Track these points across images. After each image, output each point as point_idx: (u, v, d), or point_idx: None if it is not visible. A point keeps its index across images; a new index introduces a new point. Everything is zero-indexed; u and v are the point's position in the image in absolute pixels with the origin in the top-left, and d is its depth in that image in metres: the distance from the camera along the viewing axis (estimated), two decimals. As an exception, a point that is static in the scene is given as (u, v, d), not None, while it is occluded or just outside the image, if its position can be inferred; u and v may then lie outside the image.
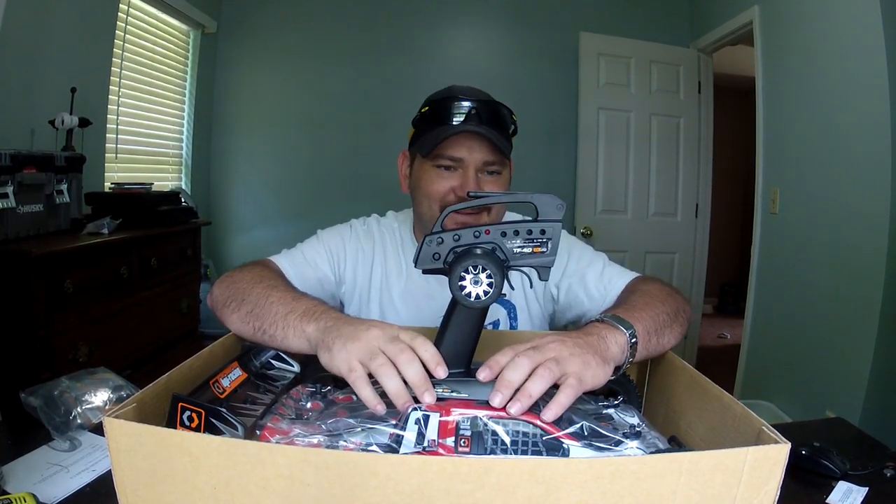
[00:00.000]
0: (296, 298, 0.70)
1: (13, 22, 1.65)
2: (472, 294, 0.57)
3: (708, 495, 0.43)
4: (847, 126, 1.93)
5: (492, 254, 0.59)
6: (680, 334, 0.75)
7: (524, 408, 0.52)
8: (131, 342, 1.74)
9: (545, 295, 0.98)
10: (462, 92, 0.88)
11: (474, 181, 0.85)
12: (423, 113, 0.89)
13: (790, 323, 2.25)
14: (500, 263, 0.58)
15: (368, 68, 3.13)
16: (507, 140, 0.87)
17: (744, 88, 3.38)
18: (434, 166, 0.87)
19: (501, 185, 0.89)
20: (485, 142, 0.84)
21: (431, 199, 0.88)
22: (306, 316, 0.65)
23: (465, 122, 0.83)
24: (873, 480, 0.74)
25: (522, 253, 0.60)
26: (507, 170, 0.92)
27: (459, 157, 0.85)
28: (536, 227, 0.59)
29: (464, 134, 0.84)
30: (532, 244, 0.59)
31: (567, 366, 0.55)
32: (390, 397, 0.53)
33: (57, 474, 0.70)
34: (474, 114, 0.84)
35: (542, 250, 0.59)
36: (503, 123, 0.87)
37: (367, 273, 0.97)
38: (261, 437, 0.53)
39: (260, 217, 3.25)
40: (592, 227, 2.96)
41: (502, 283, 0.57)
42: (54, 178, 1.61)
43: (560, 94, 3.12)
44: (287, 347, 0.67)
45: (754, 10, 2.48)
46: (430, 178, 0.88)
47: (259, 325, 0.69)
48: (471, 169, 0.85)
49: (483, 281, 0.57)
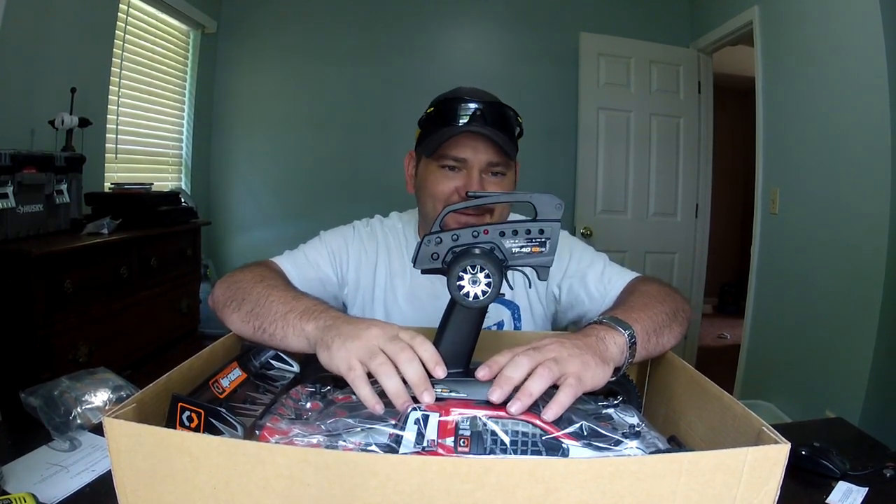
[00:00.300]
0: (296, 297, 0.71)
1: (13, 22, 1.65)
2: (471, 294, 0.57)
3: (708, 495, 0.43)
4: (847, 126, 1.93)
5: (490, 254, 0.59)
6: (680, 334, 0.75)
7: (524, 407, 0.52)
8: (131, 342, 1.74)
9: (547, 295, 0.98)
10: (468, 93, 0.88)
11: (478, 182, 0.85)
12: (429, 114, 0.89)
13: (790, 323, 2.25)
14: (498, 263, 0.58)
15: (368, 68, 3.13)
16: (512, 142, 0.87)
17: (744, 88, 3.38)
18: (439, 167, 0.88)
19: (506, 186, 0.89)
20: (489, 143, 0.84)
21: (436, 200, 0.88)
22: (306, 315, 0.66)
23: (469, 123, 0.84)
24: (873, 480, 0.74)
25: (521, 253, 0.60)
26: (513, 171, 0.92)
27: (463, 158, 0.86)
28: (535, 227, 0.59)
29: (468, 134, 0.84)
30: (531, 244, 0.59)
31: (567, 366, 0.55)
32: (389, 397, 0.53)
33: (57, 474, 0.70)
34: (479, 115, 0.84)
35: (541, 250, 0.59)
36: (509, 125, 0.87)
37: (370, 274, 0.97)
38: (260, 437, 0.53)
39: (260, 217, 3.25)
40: (592, 227, 2.96)
41: (500, 283, 0.57)
42: (54, 178, 1.61)
43: (560, 94, 3.12)
44: (286, 346, 0.67)
45: (754, 11, 2.48)
46: (434, 178, 0.88)
47: (259, 325, 0.69)
48: (475, 169, 0.85)
49: (481, 281, 0.57)
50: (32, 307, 1.35)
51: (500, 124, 0.85)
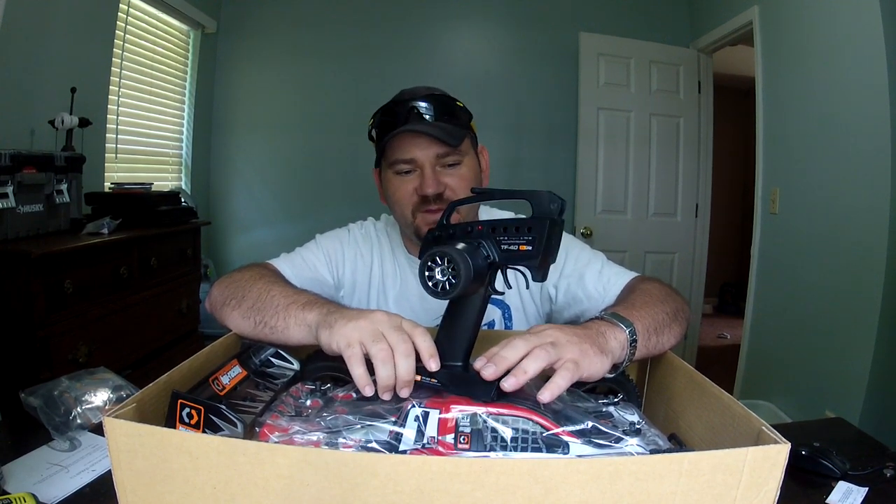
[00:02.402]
0: (297, 292, 0.72)
1: (13, 22, 1.65)
2: (438, 285, 0.56)
3: (708, 495, 0.43)
4: (847, 126, 1.93)
5: (472, 248, 0.57)
6: (679, 334, 0.75)
7: (518, 384, 0.52)
8: (131, 342, 1.74)
9: (542, 295, 0.97)
10: (403, 95, 0.88)
11: (432, 177, 0.85)
12: (371, 125, 0.90)
13: (790, 323, 2.25)
14: (476, 258, 0.56)
15: (368, 68, 3.12)
16: (457, 128, 0.86)
17: (744, 88, 3.39)
18: (394, 173, 0.88)
19: (464, 175, 0.88)
20: (429, 137, 0.84)
21: (401, 206, 0.88)
22: (308, 305, 0.67)
23: (406, 123, 0.84)
24: (873, 480, 0.74)
25: (508, 250, 0.58)
26: (472, 159, 0.91)
27: (411, 158, 0.85)
28: (524, 225, 0.57)
29: (408, 134, 0.84)
30: (519, 241, 0.57)
31: (564, 350, 0.55)
32: (378, 382, 0.54)
33: (57, 474, 0.70)
34: (415, 113, 0.84)
35: (527, 248, 0.56)
36: (449, 114, 0.87)
37: (366, 276, 0.98)
38: (260, 433, 0.53)
39: (260, 217, 3.25)
40: (592, 228, 2.96)
41: (469, 277, 0.55)
42: (54, 178, 1.61)
43: (560, 94, 3.12)
44: (287, 338, 0.68)
45: (754, 11, 2.48)
46: (394, 186, 0.89)
47: (260, 318, 0.70)
48: (426, 166, 0.85)
49: (448, 272, 0.56)
50: (32, 307, 1.35)
51: (439, 115, 0.85)
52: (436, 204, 0.85)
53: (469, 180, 0.89)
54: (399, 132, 0.83)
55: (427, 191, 0.84)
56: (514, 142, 3.16)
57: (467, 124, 0.90)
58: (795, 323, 2.21)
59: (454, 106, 0.88)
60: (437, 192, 0.85)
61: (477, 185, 0.91)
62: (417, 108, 0.84)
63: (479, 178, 0.93)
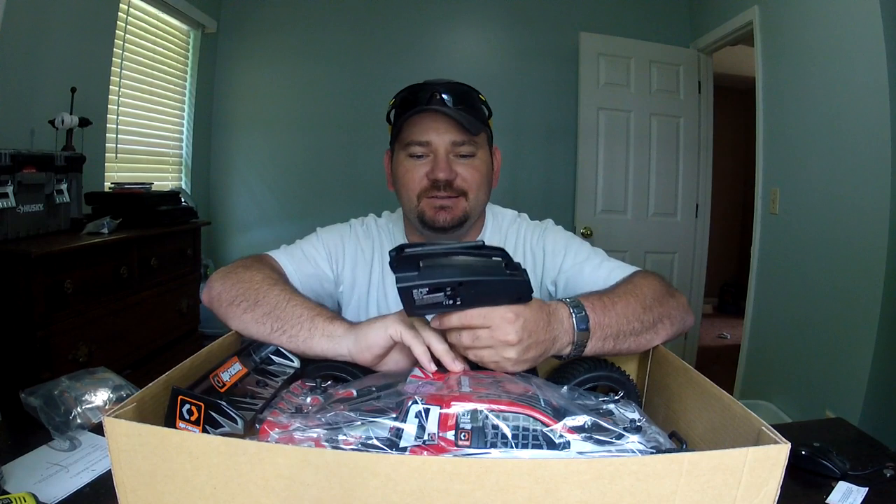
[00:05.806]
0: (319, 305, 0.75)
1: (13, 22, 1.65)
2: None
3: (708, 495, 0.43)
4: (847, 126, 1.93)
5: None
6: (666, 333, 0.74)
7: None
8: (131, 342, 1.74)
9: (541, 291, 0.97)
10: (428, 80, 0.88)
11: (445, 163, 0.85)
12: (392, 105, 0.90)
13: (790, 323, 2.25)
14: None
15: (368, 68, 3.13)
16: (478, 120, 0.86)
17: (744, 88, 3.39)
18: (407, 156, 0.88)
19: (477, 168, 0.88)
20: (450, 121, 0.84)
21: (409, 189, 0.88)
22: (334, 319, 0.71)
23: (428, 103, 0.84)
24: (873, 480, 0.74)
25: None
26: (486, 154, 0.91)
27: (427, 141, 0.85)
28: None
29: (429, 115, 0.84)
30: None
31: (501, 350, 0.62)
32: (440, 355, 0.62)
33: (57, 474, 0.70)
34: (438, 97, 0.84)
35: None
36: (471, 104, 0.87)
37: (366, 273, 0.97)
38: (260, 430, 0.53)
39: (260, 217, 3.25)
40: (592, 227, 2.96)
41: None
42: (54, 178, 1.61)
43: (560, 94, 3.12)
44: (308, 347, 0.69)
45: (754, 11, 2.48)
46: (404, 168, 0.88)
47: (279, 326, 0.71)
48: (441, 151, 0.85)
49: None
50: (32, 307, 1.35)
51: (460, 103, 0.85)
52: (445, 191, 0.85)
53: (482, 174, 0.89)
54: (418, 111, 0.83)
55: (439, 175, 0.84)
56: (514, 142, 3.16)
57: (486, 120, 0.90)
58: (795, 323, 2.21)
59: (476, 98, 0.89)
60: (449, 179, 0.85)
61: (487, 183, 0.92)
62: (440, 92, 0.84)
63: (490, 175, 0.93)
